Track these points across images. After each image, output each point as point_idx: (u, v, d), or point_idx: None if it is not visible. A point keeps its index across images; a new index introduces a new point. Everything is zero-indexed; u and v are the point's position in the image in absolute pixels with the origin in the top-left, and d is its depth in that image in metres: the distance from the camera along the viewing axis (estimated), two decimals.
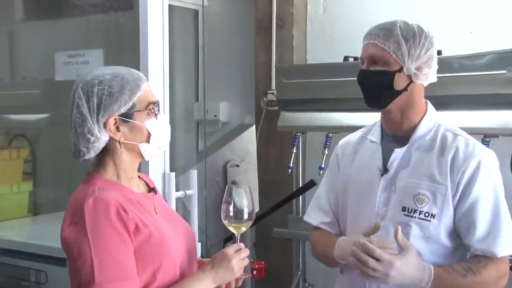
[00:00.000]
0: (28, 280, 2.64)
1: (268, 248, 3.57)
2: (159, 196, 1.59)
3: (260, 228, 3.51)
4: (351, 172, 1.75)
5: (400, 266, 1.48)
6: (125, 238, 1.34)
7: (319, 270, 3.53)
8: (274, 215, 3.12)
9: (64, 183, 3.47)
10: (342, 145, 1.85)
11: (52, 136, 3.56)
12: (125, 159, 1.47)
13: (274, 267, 3.47)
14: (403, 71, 1.59)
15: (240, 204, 1.52)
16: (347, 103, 2.85)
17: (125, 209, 1.37)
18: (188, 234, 1.56)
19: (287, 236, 3.26)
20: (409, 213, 1.58)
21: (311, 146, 3.51)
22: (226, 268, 1.45)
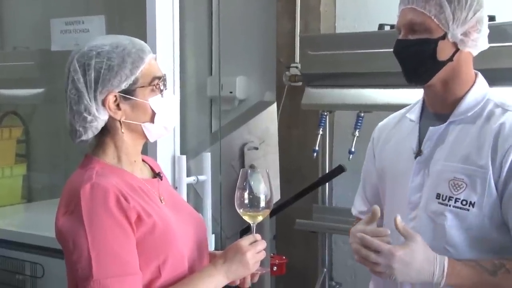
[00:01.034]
0: (23, 274, 2.68)
1: (290, 241, 3.58)
2: (165, 182, 1.59)
3: (281, 219, 3.52)
4: (386, 157, 1.73)
5: (402, 256, 1.46)
6: (126, 229, 1.33)
7: (348, 267, 3.53)
8: (297, 204, 3.12)
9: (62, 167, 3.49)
10: (380, 127, 1.83)
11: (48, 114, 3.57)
12: (126, 140, 1.46)
13: (297, 263, 3.48)
14: (447, 38, 1.55)
15: (256, 190, 1.51)
16: (382, 78, 2.82)
17: (126, 196, 1.36)
18: (198, 224, 1.56)
19: (311, 229, 3.26)
20: (444, 201, 1.55)
21: (340, 127, 3.49)
22: (240, 263, 1.45)
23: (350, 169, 3.16)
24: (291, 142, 3.59)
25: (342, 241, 3.54)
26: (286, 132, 3.53)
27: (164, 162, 2.24)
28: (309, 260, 3.55)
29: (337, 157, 3.45)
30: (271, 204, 1.54)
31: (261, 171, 1.54)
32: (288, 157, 3.43)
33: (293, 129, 3.61)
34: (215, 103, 3.75)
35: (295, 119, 3.57)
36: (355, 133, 3.00)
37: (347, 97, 3.01)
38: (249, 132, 2.87)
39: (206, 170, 2.44)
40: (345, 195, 3.49)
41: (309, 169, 3.49)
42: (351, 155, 3.01)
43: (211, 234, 2.47)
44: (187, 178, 2.34)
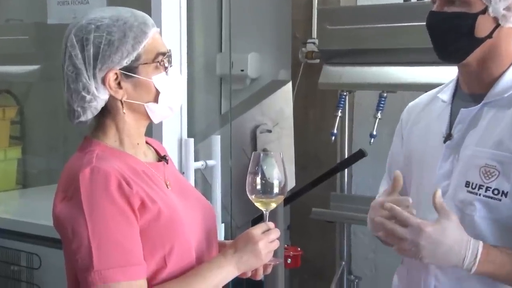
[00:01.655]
0: (18, 265, 2.70)
1: (305, 232, 3.59)
2: (171, 166, 1.59)
3: (296, 208, 3.52)
4: (414, 140, 1.72)
5: (432, 233, 1.44)
6: (128, 217, 1.34)
7: (368, 260, 3.54)
8: (313, 192, 3.12)
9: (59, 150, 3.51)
10: (409, 108, 1.81)
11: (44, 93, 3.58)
12: (128, 121, 1.46)
13: (313, 255, 3.49)
14: (488, 13, 1.52)
15: (269, 174, 1.51)
16: (407, 54, 2.80)
17: (128, 181, 1.36)
18: (206, 211, 1.56)
19: (328, 218, 3.26)
20: (474, 190, 1.54)
21: (361, 108, 3.48)
22: (252, 253, 1.45)
23: (371, 154, 3.16)
24: (307, 124, 3.58)
25: (362, 232, 3.54)
26: (302, 114, 3.53)
27: (170, 145, 2.24)
28: (326, 253, 3.55)
29: (357, 141, 3.44)
30: (285, 190, 1.54)
31: (274, 154, 1.54)
32: (304, 141, 3.43)
33: (310, 110, 3.60)
34: (225, 82, 3.75)
35: (311, 99, 3.56)
36: (377, 115, 2.98)
37: (369, 76, 2.99)
38: (262, 113, 2.87)
39: (215, 154, 2.44)
40: (365, 182, 3.48)
41: (326, 154, 3.48)
42: (372, 138, 3.00)
43: (221, 223, 2.48)
44: (195, 163, 2.35)
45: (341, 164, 3.20)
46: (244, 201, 1.58)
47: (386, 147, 2.87)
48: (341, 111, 3.13)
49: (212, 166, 2.43)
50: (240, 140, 2.77)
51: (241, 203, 2.62)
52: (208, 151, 2.46)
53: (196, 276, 1.41)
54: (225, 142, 2.55)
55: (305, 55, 3.44)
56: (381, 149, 3.38)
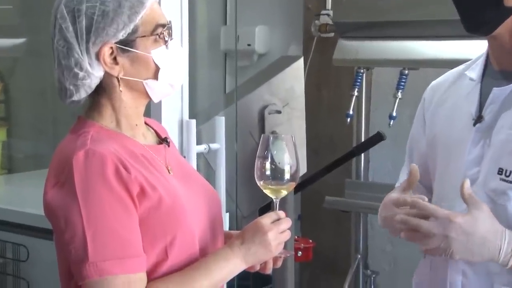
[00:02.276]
0: (4, 257, 2.72)
1: (317, 222, 3.60)
2: (173, 149, 1.59)
3: (308, 196, 3.53)
4: (439, 122, 1.71)
5: (462, 224, 1.43)
6: (127, 204, 1.34)
7: (386, 253, 3.55)
8: (326, 179, 3.13)
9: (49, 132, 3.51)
10: (433, 86, 1.80)
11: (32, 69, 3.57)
12: (126, 100, 1.46)
13: (325, 248, 3.50)
14: None
15: (279, 159, 1.51)
16: (431, 27, 2.79)
17: (126, 166, 1.36)
18: (211, 199, 1.56)
19: (343, 208, 3.27)
20: (507, 177, 1.53)
21: (379, 87, 3.48)
22: (261, 244, 1.45)
23: (390, 137, 3.16)
24: (321, 105, 3.58)
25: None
26: (315, 93, 3.52)
27: (170, 127, 2.23)
28: (340, 245, 3.56)
29: (375, 123, 3.44)
30: (297, 176, 1.54)
31: (285, 137, 1.54)
32: (316, 123, 3.43)
33: (323, 89, 3.59)
34: (230, 58, 3.75)
35: (325, 77, 3.55)
36: (397, 94, 2.98)
37: (388, 51, 2.98)
38: (271, 92, 2.87)
39: (220, 137, 2.44)
40: (383, 168, 3.49)
41: (341, 137, 3.48)
42: (392, 120, 3.00)
43: (225, 212, 2.49)
44: (197, 146, 2.35)
45: (357, 148, 3.21)
46: (251, 189, 1.58)
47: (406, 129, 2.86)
48: (357, 90, 3.12)
49: (215, 150, 2.44)
50: (247, 122, 2.77)
51: (247, 191, 2.62)
52: (212, 134, 2.46)
53: (199, 269, 1.42)
54: (230, 123, 2.55)
55: (318, 28, 3.43)
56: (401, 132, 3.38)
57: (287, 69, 2.95)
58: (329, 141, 3.51)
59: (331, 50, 3.16)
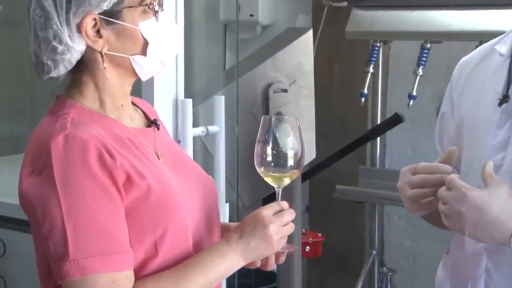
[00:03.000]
0: None
1: (327, 214, 3.60)
2: (163, 133, 1.59)
3: (317, 185, 3.54)
4: (466, 103, 1.71)
5: (475, 199, 1.45)
6: (111, 194, 1.34)
7: (404, 248, 3.56)
8: (338, 166, 3.13)
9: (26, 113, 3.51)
10: (461, 64, 1.79)
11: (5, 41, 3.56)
12: (110, 78, 1.46)
13: (336, 242, 3.51)
14: None
15: (282, 143, 1.51)
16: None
17: (111, 151, 1.37)
18: (207, 188, 1.57)
19: (356, 198, 3.27)
20: None
21: (397, 63, 3.47)
22: (261, 238, 1.45)
23: (410, 119, 3.15)
24: (332, 83, 3.57)
25: (397, 215, 3.55)
26: (325, 70, 3.52)
27: (163, 108, 2.24)
28: (353, 239, 3.57)
29: (392, 103, 3.43)
30: (302, 162, 1.54)
31: (289, 118, 1.54)
32: (327, 103, 3.42)
33: (335, 65, 3.58)
34: (230, 30, 3.74)
35: (337, 51, 3.54)
36: (418, 71, 2.97)
37: (408, 22, 2.97)
38: (276, 69, 2.86)
39: (219, 118, 2.44)
40: (402, 153, 3.48)
41: (355, 118, 3.48)
42: (411, 100, 2.99)
43: (225, 203, 2.49)
44: (194, 129, 2.35)
45: (373, 131, 3.20)
46: (254, 177, 1.58)
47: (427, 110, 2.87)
48: (373, 66, 3.11)
49: (214, 133, 2.44)
50: (249, 102, 2.77)
51: (250, 179, 2.62)
52: (210, 115, 2.46)
53: (193, 266, 1.42)
54: (230, 103, 2.55)
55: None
56: (422, 113, 3.38)
57: (294, 42, 2.94)
58: (341, 124, 3.51)
59: (343, 21, 3.15)
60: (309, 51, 2.97)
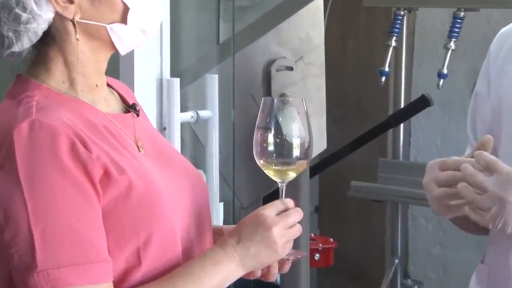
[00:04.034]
0: None
1: (341, 216, 3.61)
2: (143, 120, 1.60)
3: (328, 180, 3.54)
4: (506, 82, 1.73)
5: None
6: (86, 192, 1.34)
7: (433, 257, 3.57)
8: (353, 158, 3.14)
9: None
10: (501, 35, 1.80)
11: None
12: (84, 53, 1.46)
13: (352, 249, 3.52)
14: None
15: (287, 130, 1.52)
16: None
17: (85, 141, 1.36)
18: (196, 185, 1.56)
19: (376, 197, 3.29)
20: None
21: (425, 35, 3.48)
22: (263, 243, 1.46)
23: (440, 102, 3.17)
24: (346, 59, 3.58)
25: (423, 217, 3.56)
26: (338, 44, 3.52)
27: (144, 89, 2.26)
28: (371, 246, 3.58)
29: (418, 83, 3.44)
30: (311, 153, 1.54)
31: (294, 101, 1.55)
32: (340, 83, 3.43)
33: (349, 38, 3.59)
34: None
35: (352, 22, 3.55)
36: (450, 44, 2.98)
37: None
38: (279, 42, 2.87)
39: (211, 101, 2.45)
40: (430, 143, 3.49)
41: (373, 101, 3.49)
42: (442, 79, 3.00)
43: (218, 202, 2.50)
44: (181, 114, 2.36)
45: (395, 117, 3.21)
46: (253, 171, 1.59)
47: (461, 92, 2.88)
48: (395, 39, 3.12)
49: (206, 119, 2.45)
50: (247, 82, 2.78)
51: (248, 174, 2.64)
52: (201, 97, 2.47)
53: (183, 277, 1.43)
54: (225, 84, 2.56)
55: None
56: (455, 94, 3.38)
57: (301, 11, 2.95)
58: (357, 107, 3.52)
59: None
60: (319, 22, 2.98)
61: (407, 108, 3.21)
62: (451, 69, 3.01)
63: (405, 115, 3.20)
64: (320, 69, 2.92)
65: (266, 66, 2.82)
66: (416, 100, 3.07)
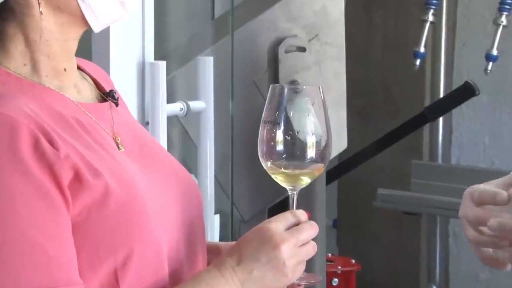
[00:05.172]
0: None
1: (364, 231, 3.62)
2: (123, 111, 1.61)
3: (349, 187, 3.55)
4: None
5: None
6: (52, 199, 1.35)
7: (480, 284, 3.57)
8: (380, 160, 3.14)
9: None
10: None
11: None
12: (49, 29, 1.46)
13: (378, 272, 3.53)
14: None
15: (299, 126, 1.53)
16: None
17: (52, 137, 1.37)
18: (188, 192, 1.58)
19: (408, 208, 3.30)
20: None
21: (470, 8, 3.48)
22: (269, 264, 1.46)
23: (488, 91, 3.17)
24: (372, 37, 3.59)
25: None
26: (362, 18, 3.53)
27: (123, 74, 2.27)
28: (403, 268, 3.59)
29: (461, 68, 3.45)
30: (328, 154, 1.55)
31: (309, 90, 1.56)
32: (365, 67, 3.44)
33: (375, 12, 3.60)
34: None
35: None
36: (501, 19, 2.99)
37: None
38: (289, 18, 2.88)
39: (205, 90, 2.46)
40: (476, 142, 3.50)
41: (406, 90, 3.50)
42: (490, 63, 3.01)
43: (213, 214, 2.50)
44: (169, 105, 2.37)
45: (433, 108, 3.22)
46: (256, 176, 1.60)
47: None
48: (433, 12, 3.13)
49: (198, 111, 2.46)
50: (249, 66, 2.79)
51: (251, 179, 2.65)
52: (192, 85, 2.48)
53: None
54: (222, 68, 2.57)
55: None
56: (507, 81, 3.38)
57: None
58: (385, 98, 3.53)
59: None
60: None
61: (447, 98, 3.22)
62: (502, 50, 3.01)
63: (445, 107, 3.21)
64: (339, 50, 2.93)
65: (273, 47, 2.83)
66: (459, 88, 3.08)
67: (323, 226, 2.53)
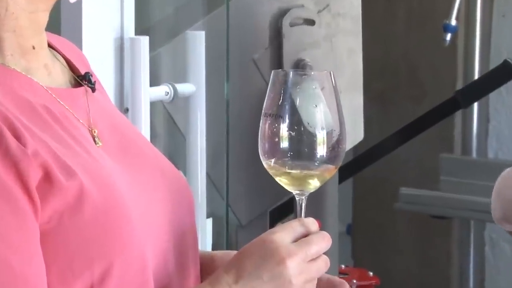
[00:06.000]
0: None
1: (384, 239, 3.63)
2: (101, 96, 1.63)
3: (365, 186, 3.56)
4: None
5: None
6: (17, 204, 1.36)
7: None
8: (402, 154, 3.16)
9: None
10: None
11: None
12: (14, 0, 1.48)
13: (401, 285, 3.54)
14: None
15: (307, 117, 1.54)
16: None
17: (17, 130, 1.39)
18: (177, 192, 1.61)
19: (436, 211, 3.31)
20: None
21: None
22: (274, 282, 1.48)
23: None
24: (394, 8, 3.60)
25: (507, 240, 3.58)
26: None
27: (97, 52, 2.28)
28: (431, 281, 3.61)
29: (500, 44, 3.46)
30: (342, 150, 1.57)
31: (319, 75, 1.57)
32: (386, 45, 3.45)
33: None
34: None
35: None
36: None
37: None
38: None
39: (195, 71, 2.47)
40: None
41: (434, 71, 3.51)
42: None
43: (205, 218, 2.51)
44: (151, 89, 2.38)
45: (466, 93, 3.23)
46: (256, 175, 1.61)
47: None
48: None
49: (187, 96, 2.47)
50: (248, 42, 2.80)
51: (249, 178, 2.66)
52: (180, 65, 2.49)
53: None
54: (215, 45, 2.58)
55: None
56: None
57: None
58: (409, 80, 3.54)
59: None
60: None
61: (483, 80, 3.23)
62: None
63: (481, 91, 3.22)
64: (354, 23, 2.94)
65: (276, 19, 2.84)
66: (497, 68, 3.09)
67: (335, 233, 2.54)
